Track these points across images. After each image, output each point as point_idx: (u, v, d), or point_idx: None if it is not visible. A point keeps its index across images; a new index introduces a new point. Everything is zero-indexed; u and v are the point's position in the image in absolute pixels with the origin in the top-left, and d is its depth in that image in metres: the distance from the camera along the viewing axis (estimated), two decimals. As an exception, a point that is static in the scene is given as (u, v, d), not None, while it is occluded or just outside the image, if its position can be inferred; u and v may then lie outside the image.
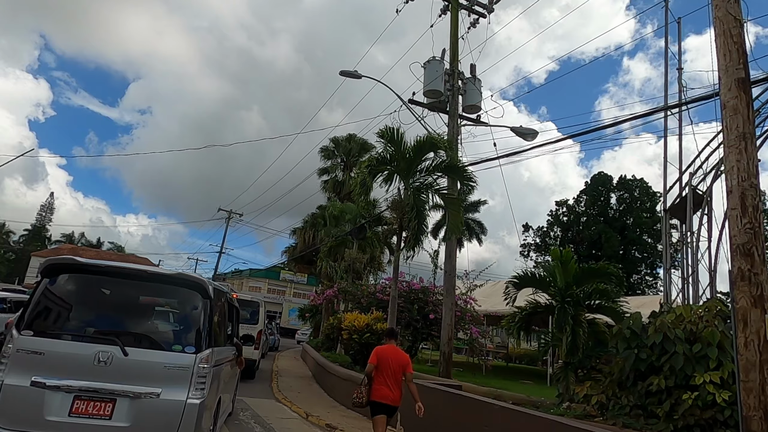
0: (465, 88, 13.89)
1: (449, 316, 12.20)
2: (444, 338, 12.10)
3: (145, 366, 4.37)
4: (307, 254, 36.06)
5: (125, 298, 4.93)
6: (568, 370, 8.29)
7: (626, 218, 49.40)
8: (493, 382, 13.69)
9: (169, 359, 4.45)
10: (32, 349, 4.25)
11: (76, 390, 4.18)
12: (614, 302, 8.48)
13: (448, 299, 12.33)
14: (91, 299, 4.89)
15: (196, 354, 4.51)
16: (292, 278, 67.55)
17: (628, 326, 7.24)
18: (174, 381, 4.36)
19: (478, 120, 14.37)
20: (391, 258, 18.41)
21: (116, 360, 4.26)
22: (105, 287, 4.91)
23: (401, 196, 11.44)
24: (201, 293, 4.84)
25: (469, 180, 11.31)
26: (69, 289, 4.79)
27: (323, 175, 35.67)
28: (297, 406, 9.62)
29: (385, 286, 15.04)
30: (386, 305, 14.00)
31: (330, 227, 26.72)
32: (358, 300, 14.72)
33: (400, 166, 11.45)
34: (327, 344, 18.77)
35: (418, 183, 11.77)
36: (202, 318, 4.75)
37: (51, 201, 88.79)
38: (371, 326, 12.11)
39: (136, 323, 4.84)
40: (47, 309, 4.64)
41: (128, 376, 4.28)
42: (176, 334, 4.86)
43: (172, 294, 5.01)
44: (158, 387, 4.31)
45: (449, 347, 12.05)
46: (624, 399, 7.16)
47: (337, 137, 35.63)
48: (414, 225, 10.71)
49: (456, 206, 11.41)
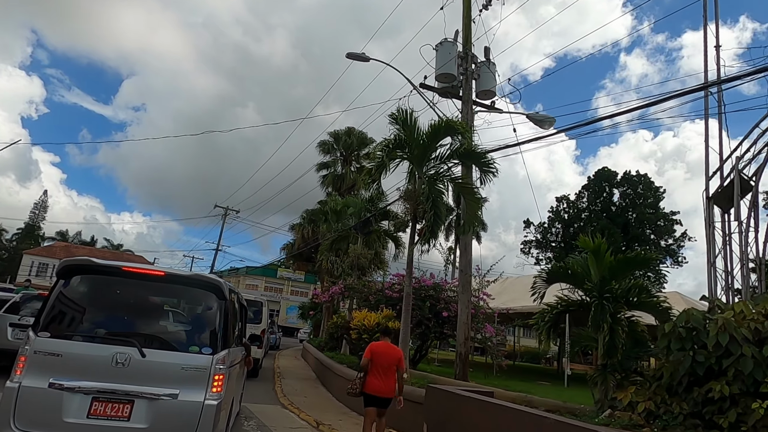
0: (479, 72, 13.09)
1: (465, 314, 11.43)
2: (460, 338, 11.33)
3: (163, 367, 4.35)
4: (306, 251, 35.27)
5: (142, 299, 4.91)
6: (606, 373, 7.52)
7: (629, 214, 48.76)
8: (509, 383, 12.94)
9: (187, 360, 4.43)
10: (49, 350, 4.23)
11: (95, 391, 4.17)
12: (655, 297, 7.70)
13: (464, 296, 11.55)
14: (108, 300, 4.86)
15: (213, 355, 4.49)
16: (290, 276, 66.79)
17: (681, 324, 6.48)
18: (191, 382, 4.35)
19: (493, 106, 13.60)
20: (397, 252, 17.61)
21: (134, 361, 4.25)
22: (121, 288, 4.86)
23: (414, 186, 10.65)
24: (217, 294, 4.82)
25: (488, 168, 10.51)
26: (85, 290, 4.77)
27: (322, 170, 34.83)
28: (305, 413, 8.83)
29: (393, 282, 14.24)
30: (396, 302, 13.23)
31: (331, 222, 25.91)
32: (366, 297, 13.90)
33: (413, 153, 10.65)
34: (331, 344, 17.96)
35: (432, 171, 11.00)
36: (218, 319, 4.74)
37: (44, 199, 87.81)
38: (382, 325, 11.29)
39: (152, 324, 4.83)
40: (63, 310, 4.60)
41: (146, 377, 4.27)
42: (193, 335, 4.82)
43: (189, 295, 4.97)
44: (176, 388, 4.29)
45: (465, 347, 11.28)
46: (676, 407, 6.38)
47: (337, 131, 34.85)
48: (430, 216, 9.92)
49: (474, 196, 10.61)
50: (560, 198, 52.25)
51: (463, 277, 11.70)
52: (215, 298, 4.81)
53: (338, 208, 25.77)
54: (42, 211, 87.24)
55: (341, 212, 25.98)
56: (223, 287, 4.87)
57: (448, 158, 10.89)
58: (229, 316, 4.98)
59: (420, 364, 12.45)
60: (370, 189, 11.13)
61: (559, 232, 51.60)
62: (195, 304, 5.02)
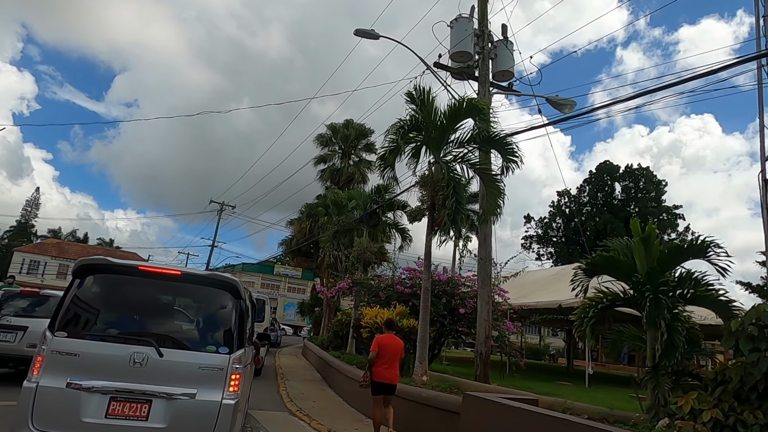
0: (495, 51, 12.22)
1: (486, 310, 10.58)
2: (480, 336, 10.48)
3: (180, 367, 4.34)
4: (304, 246, 34.39)
5: (158, 299, 4.92)
6: (658, 375, 6.68)
7: (630, 208, 48.06)
8: (530, 384, 12.12)
9: (204, 360, 4.42)
10: (67, 350, 4.22)
11: (113, 391, 4.16)
12: (714, 290, 6.84)
13: (484, 291, 10.70)
14: (124, 300, 4.79)
15: (230, 354, 4.49)
16: (287, 273, 65.89)
17: (751, 321, 5.64)
18: (209, 381, 4.35)
19: (511, 88, 12.73)
20: (404, 245, 16.70)
21: (151, 361, 4.25)
22: (137, 288, 4.80)
23: (431, 171, 9.77)
24: (233, 293, 4.81)
25: (512, 153, 9.62)
26: (101, 290, 4.74)
27: (320, 164, 33.86)
28: (317, 422, 7.96)
29: (403, 277, 13.37)
30: (407, 298, 12.37)
31: (332, 215, 25.01)
32: (376, 293, 13.01)
33: (431, 136, 9.76)
34: (336, 342, 17.09)
35: (450, 156, 10.12)
36: (234, 318, 4.73)
37: (37, 196, 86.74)
38: (394, 322, 10.43)
39: (169, 324, 4.82)
40: (80, 310, 4.56)
41: (164, 377, 4.26)
42: (209, 335, 4.80)
43: (205, 294, 4.92)
44: (193, 388, 4.29)
45: (487, 346, 10.44)
46: (749, 416, 5.56)
47: (335, 124, 33.91)
48: (451, 204, 9.03)
49: (495, 183, 9.73)
50: (561, 192, 51.49)
51: (483, 271, 10.84)
52: (231, 298, 4.79)
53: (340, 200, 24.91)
54: (34, 208, 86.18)
55: (343, 205, 25.16)
56: (239, 286, 4.87)
57: (468, 142, 10.00)
58: (244, 315, 4.97)
59: (431, 364, 11.59)
60: (384, 175, 10.23)
61: (561, 227, 50.91)
62: (211, 304, 4.95)
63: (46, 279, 51.66)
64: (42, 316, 8.66)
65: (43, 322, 8.99)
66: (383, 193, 16.25)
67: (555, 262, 49.50)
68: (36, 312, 9.15)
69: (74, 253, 57.34)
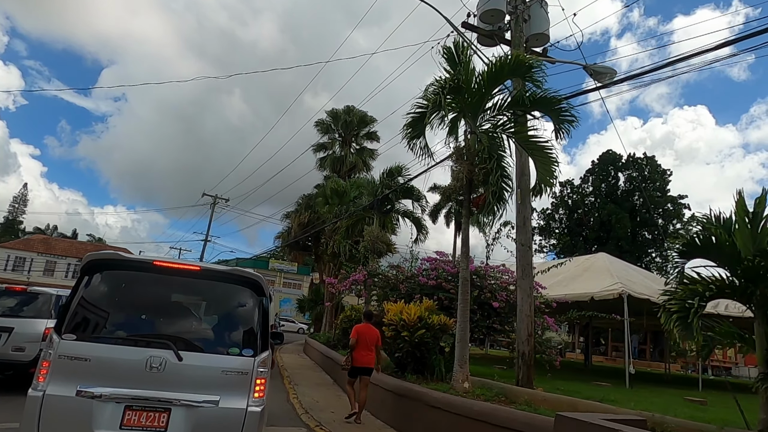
0: (528, 12, 10.80)
1: (527, 304, 9.22)
2: (522, 333, 9.12)
3: (202, 371, 3.98)
4: (302, 239, 32.93)
5: (176, 297, 4.56)
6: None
7: (635, 198, 47.01)
8: (571, 386, 10.79)
9: (227, 363, 4.08)
10: (76, 354, 3.83)
11: (128, 399, 3.79)
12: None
13: (525, 282, 9.33)
14: (139, 299, 4.40)
15: (255, 357, 4.19)
16: (282, 267, 64.35)
17: None
18: (233, 387, 4.02)
19: (545, 54, 11.33)
20: (420, 237, 15.29)
21: (170, 365, 3.88)
22: (153, 285, 4.42)
23: (467, 142, 8.37)
24: (256, 291, 4.51)
25: (566, 118, 8.23)
26: (113, 287, 4.34)
27: (320, 152, 32.31)
28: (344, 441, 6.54)
29: (425, 268, 11.96)
30: (432, 291, 10.97)
31: (333, 205, 23.58)
32: (394, 286, 11.60)
33: (467, 101, 8.35)
34: (345, 340, 15.67)
35: (487, 125, 8.73)
36: (258, 317, 4.42)
37: (24, 192, 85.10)
38: (424, 319, 9.06)
39: (188, 324, 4.50)
40: (90, 310, 4.16)
41: (183, 383, 3.90)
42: (232, 336, 4.46)
43: (226, 292, 4.57)
44: (216, 394, 3.94)
45: (530, 345, 9.08)
46: None
47: (335, 109, 32.33)
48: (496, 179, 7.63)
49: (545, 153, 8.34)
50: (564, 183, 50.19)
51: (523, 259, 9.46)
52: (254, 295, 4.48)
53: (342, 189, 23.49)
54: (22, 204, 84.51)
55: (345, 194, 23.72)
56: (263, 283, 4.54)
57: (508, 107, 8.60)
58: (267, 314, 4.57)
59: None
60: (413, 146, 8.81)
61: (563, 219, 49.76)
62: (233, 302, 4.59)
63: (33, 276, 49.75)
64: (30, 316, 8.06)
65: (32, 323, 7.93)
66: (396, 176, 14.83)
67: (558, 254, 48.37)
68: (23, 311, 8.27)
69: (61, 249, 55.45)
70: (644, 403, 8.90)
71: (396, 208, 15.46)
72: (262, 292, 4.49)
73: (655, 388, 12.68)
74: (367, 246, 14.54)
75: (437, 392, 7.05)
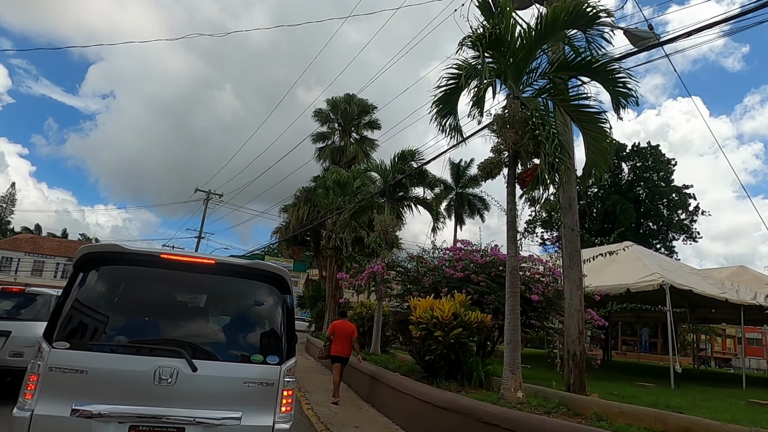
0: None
1: (577, 297, 8.02)
2: (572, 331, 7.92)
3: (220, 383, 3.40)
4: (300, 234, 31.63)
5: (189, 297, 3.96)
6: None
7: (639, 188, 46.06)
8: (613, 387, 9.62)
9: (250, 373, 3.50)
10: (70, 366, 3.22)
11: (133, 418, 3.19)
12: None
13: (573, 271, 8.14)
14: (144, 298, 3.74)
15: (281, 365, 3.60)
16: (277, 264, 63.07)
17: None
18: (257, 401, 3.46)
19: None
20: (437, 227, 14.03)
21: (182, 377, 3.29)
22: (161, 282, 3.74)
23: (511, 109, 7.12)
24: (280, 288, 3.89)
25: (623, 85, 6.98)
26: (113, 285, 3.68)
27: (319, 142, 31.03)
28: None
29: (448, 258, 10.70)
30: (459, 284, 9.72)
31: (336, 196, 22.30)
32: (416, 279, 10.33)
33: (509, 61, 7.10)
34: (356, 340, 14.47)
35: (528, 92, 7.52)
36: (283, 319, 3.80)
37: (12, 192, 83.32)
38: (460, 316, 7.83)
39: (203, 328, 3.81)
40: (86, 313, 3.51)
41: (199, 397, 3.33)
42: (254, 341, 3.80)
43: (246, 289, 3.91)
44: (238, 410, 3.36)
45: (581, 345, 7.89)
46: None
47: (335, 98, 31.05)
48: (552, 149, 6.39)
49: (597, 125, 7.13)
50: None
51: (571, 245, 8.28)
52: (278, 293, 3.87)
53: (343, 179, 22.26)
54: (10, 204, 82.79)
55: (347, 184, 22.48)
56: (288, 278, 3.94)
57: (556, 71, 7.36)
58: (293, 314, 3.94)
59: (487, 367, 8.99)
60: (445, 121, 7.58)
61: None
62: (254, 301, 3.97)
63: (20, 276, 48.08)
64: (28, 319, 7.42)
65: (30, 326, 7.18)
66: (408, 159, 13.56)
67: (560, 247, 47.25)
68: (21, 314, 7.68)
69: (50, 249, 53.76)
70: (713, 409, 7.74)
71: (408, 195, 14.20)
72: (287, 289, 3.91)
73: (701, 388, 11.58)
74: (379, 236, 13.27)
75: (491, 405, 5.82)
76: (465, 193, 40.40)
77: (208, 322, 3.91)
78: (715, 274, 16.94)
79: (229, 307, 4.00)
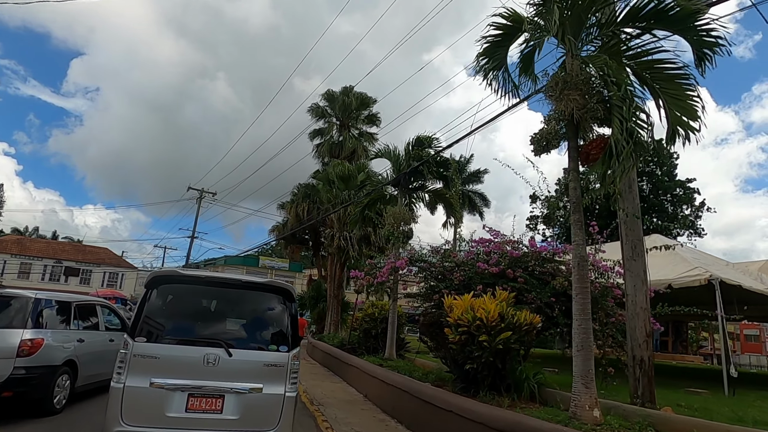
0: None
1: (642, 292, 6.91)
2: (637, 333, 6.81)
3: (248, 365, 4.79)
4: (299, 232, 30.39)
5: (223, 304, 5.35)
6: None
7: (642, 183, 45.05)
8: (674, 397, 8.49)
9: (268, 358, 4.88)
10: (147, 354, 4.59)
11: (190, 388, 4.54)
12: None
13: (636, 263, 7.04)
14: (193, 306, 5.34)
15: (289, 352, 4.95)
16: (273, 265, 61.64)
17: None
18: (273, 377, 4.79)
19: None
20: (450, 222, 12.87)
21: (222, 360, 4.66)
22: (205, 295, 5.37)
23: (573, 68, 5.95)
24: (287, 297, 5.29)
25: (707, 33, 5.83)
26: (173, 298, 5.15)
27: (316, 138, 29.78)
28: None
29: (477, 251, 9.54)
30: (493, 280, 8.59)
31: (339, 191, 21.12)
32: (442, 275, 9.13)
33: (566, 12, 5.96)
34: (368, 343, 13.25)
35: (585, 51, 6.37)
36: (289, 319, 5.18)
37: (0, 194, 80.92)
38: (506, 317, 6.66)
39: (234, 326, 5.23)
40: (155, 317, 4.91)
41: (233, 374, 4.67)
42: (270, 335, 5.22)
43: (264, 299, 5.38)
44: (260, 383, 4.71)
45: (649, 349, 6.76)
46: None
47: (331, 91, 29.79)
48: (628, 112, 5.24)
49: (680, 86, 5.98)
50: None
51: (632, 233, 7.20)
52: (286, 301, 5.26)
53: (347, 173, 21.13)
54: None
55: (351, 178, 21.35)
56: (293, 291, 5.37)
57: (623, 23, 6.21)
58: (297, 317, 5.33)
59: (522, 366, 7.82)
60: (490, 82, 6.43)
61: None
62: (269, 307, 5.35)
63: (6, 279, 46.39)
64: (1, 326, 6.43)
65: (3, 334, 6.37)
66: (425, 146, 12.37)
67: (561, 243, 46.32)
68: None
69: (37, 250, 52.03)
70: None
71: (425, 185, 12.97)
72: (292, 298, 5.30)
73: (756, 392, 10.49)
74: (392, 229, 12.07)
75: (569, 429, 4.65)
76: (465, 190, 39.34)
77: (238, 322, 5.28)
78: (751, 268, 15.94)
79: (251, 312, 5.38)
